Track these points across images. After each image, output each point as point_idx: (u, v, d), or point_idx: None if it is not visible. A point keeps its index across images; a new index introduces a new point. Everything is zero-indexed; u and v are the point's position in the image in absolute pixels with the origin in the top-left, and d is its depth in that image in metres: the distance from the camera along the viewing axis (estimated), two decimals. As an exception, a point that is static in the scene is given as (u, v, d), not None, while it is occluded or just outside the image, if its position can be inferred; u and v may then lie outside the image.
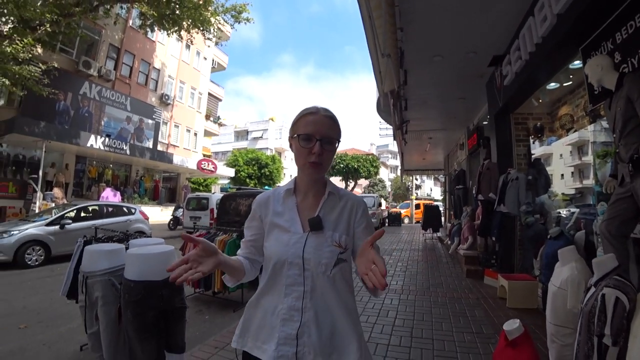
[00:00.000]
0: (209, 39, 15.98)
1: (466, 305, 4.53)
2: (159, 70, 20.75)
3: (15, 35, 9.63)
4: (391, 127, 10.34)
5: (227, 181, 30.35)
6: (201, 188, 26.26)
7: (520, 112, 5.72)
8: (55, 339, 3.64)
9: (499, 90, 5.53)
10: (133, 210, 9.95)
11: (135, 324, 2.05)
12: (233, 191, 8.80)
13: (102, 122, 17.26)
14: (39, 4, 10.00)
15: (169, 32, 14.37)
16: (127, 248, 2.69)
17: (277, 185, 32.12)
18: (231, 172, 25.37)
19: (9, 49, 9.27)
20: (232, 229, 5.03)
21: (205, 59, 24.54)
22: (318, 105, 1.20)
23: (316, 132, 1.10)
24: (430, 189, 61.02)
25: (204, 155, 25.63)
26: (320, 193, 1.20)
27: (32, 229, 7.60)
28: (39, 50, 12.30)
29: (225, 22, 15.69)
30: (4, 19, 9.87)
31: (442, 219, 14.37)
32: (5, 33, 9.73)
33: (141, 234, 8.43)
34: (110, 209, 9.52)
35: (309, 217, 1.14)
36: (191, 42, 16.03)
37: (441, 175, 20.92)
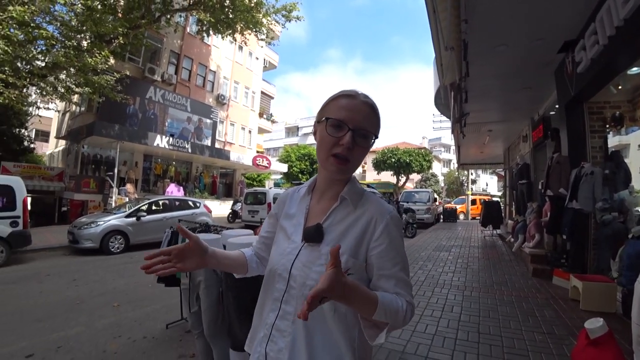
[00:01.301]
0: (261, 39, 16.59)
1: (534, 305, 4.38)
2: (215, 72, 21.86)
3: (94, 49, 10.73)
4: (445, 119, 10.13)
5: (279, 176, 31.26)
6: (255, 183, 27.34)
7: (596, 101, 5.28)
8: (143, 317, 4.15)
9: (570, 78, 5.17)
10: (198, 204, 10.75)
11: (235, 305, 2.26)
12: (291, 186, 9.13)
13: (166, 123, 18.58)
14: (110, 19, 10.99)
15: (224, 35, 15.18)
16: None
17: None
18: (284, 167, 26.09)
19: (89, 61, 10.36)
20: None
21: (257, 58, 25.38)
22: (359, 90, 0.96)
23: (350, 119, 0.89)
24: (486, 184, 57.95)
25: (258, 152, 26.62)
26: (337, 196, 0.98)
27: (114, 220, 8.56)
28: (112, 60, 13.52)
29: (276, 22, 16.19)
30: (84, 35, 11.01)
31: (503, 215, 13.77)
32: (85, 48, 10.87)
33: (212, 225, 9.12)
34: (177, 203, 10.36)
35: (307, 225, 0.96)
36: (245, 43, 16.78)
37: (500, 170, 19.91)
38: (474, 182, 47.89)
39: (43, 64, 10.68)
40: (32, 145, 18.19)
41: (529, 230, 7.22)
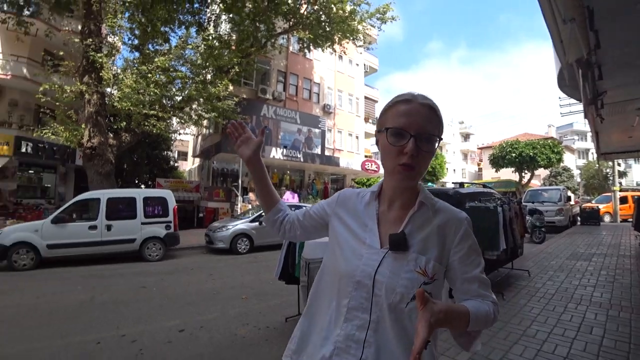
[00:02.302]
0: (359, 46, 17.12)
1: None
2: (319, 84, 23.26)
3: (216, 80, 12.71)
4: (577, 103, 8.78)
5: (389, 180, 31.13)
6: (365, 187, 27.76)
7: None
8: (266, 310, 4.85)
9: None
10: None
11: None
12: None
13: (279, 136, 20.50)
14: (226, 53, 12.87)
15: (324, 48, 16.13)
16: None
17: (439, 181, 30.99)
18: (393, 170, 26.03)
19: (213, 91, 12.31)
20: None
21: (358, 65, 26.04)
22: (415, 91, 0.95)
23: (410, 125, 0.88)
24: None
25: (366, 156, 27.11)
26: (409, 203, 0.97)
27: (240, 225, 9.98)
28: (231, 87, 15.65)
29: (372, 26, 16.51)
30: (207, 70, 13.12)
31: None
32: (209, 80, 12.95)
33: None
34: (294, 209, 11.46)
35: (390, 232, 0.93)
36: (344, 52, 17.50)
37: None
38: (622, 174, 39.44)
39: (180, 99, 13.10)
40: (176, 164, 22.59)
41: None
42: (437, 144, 0.91)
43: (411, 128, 0.88)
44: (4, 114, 14.73)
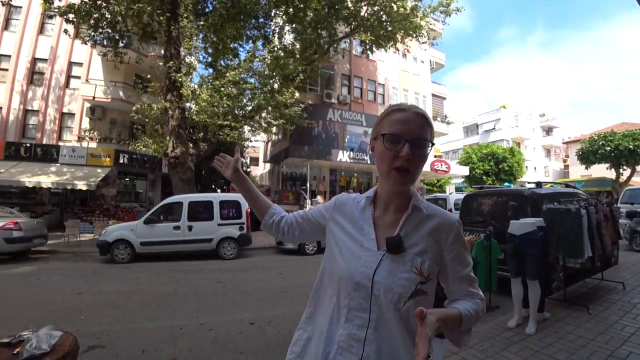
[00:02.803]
0: (423, 42, 16.65)
1: None
2: (383, 84, 23.07)
3: (283, 88, 13.31)
4: None
5: (461, 180, 29.53)
6: (435, 189, 26.71)
7: None
8: None
9: None
10: None
11: None
12: (473, 191, 8.64)
13: (346, 139, 20.72)
14: (291, 62, 13.42)
15: (386, 48, 15.98)
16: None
17: (518, 180, 28.60)
18: (465, 170, 24.71)
19: (281, 99, 12.92)
20: (479, 229, 4.89)
21: (423, 62, 25.31)
22: (407, 103, 1.05)
23: (405, 131, 0.95)
24: None
25: (435, 156, 26.12)
26: (402, 207, 1.03)
27: (307, 227, 10.32)
28: (297, 94, 16.24)
29: (436, 20, 15.97)
30: (274, 79, 13.80)
31: None
32: (276, 89, 13.61)
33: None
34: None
35: (386, 235, 0.98)
36: (407, 50, 17.16)
37: None
38: None
39: (250, 108, 13.95)
40: (248, 169, 24.00)
41: None
42: (429, 150, 0.98)
43: (406, 134, 0.94)
44: (107, 131, 17.16)
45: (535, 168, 39.22)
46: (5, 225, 8.42)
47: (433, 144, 0.99)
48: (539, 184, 6.09)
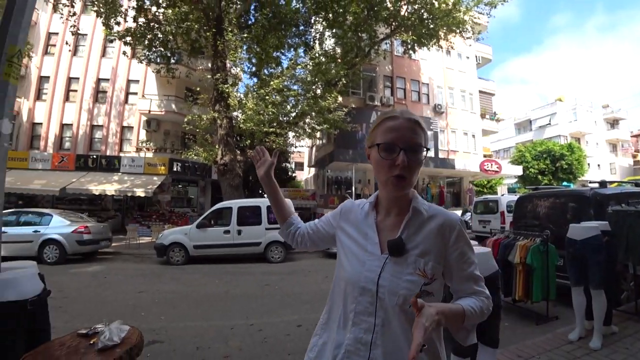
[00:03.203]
0: (467, 38, 16.06)
1: None
2: (427, 84, 22.50)
3: (325, 94, 13.46)
4: None
5: (513, 180, 27.91)
6: (485, 190, 25.51)
7: None
8: None
9: None
10: None
11: None
12: (527, 192, 8.21)
13: (390, 142, 20.47)
14: (332, 67, 13.54)
15: (429, 46, 15.61)
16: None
17: (578, 180, 26.50)
18: (518, 170, 23.33)
19: (324, 105, 13.06)
20: (534, 233, 4.54)
21: (468, 58, 24.34)
22: (398, 109, 1.06)
23: (399, 139, 0.96)
24: None
25: (485, 156, 24.96)
26: (404, 210, 1.04)
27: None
28: (340, 99, 16.32)
29: (480, 13, 15.37)
30: (317, 85, 13.98)
31: None
32: (319, 95, 13.78)
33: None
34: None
35: (388, 239, 1.00)
36: (451, 47, 16.65)
37: None
38: None
39: (294, 115, 14.24)
40: (293, 174, 24.46)
41: None
42: (424, 155, 0.99)
43: (400, 142, 0.96)
44: (161, 141, 18.49)
45: (599, 165, 35.95)
46: (78, 229, 9.31)
47: (428, 149, 1.01)
48: (603, 183, 5.55)
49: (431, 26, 14.42)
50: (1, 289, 2.20)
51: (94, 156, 17.12)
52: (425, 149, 0.99)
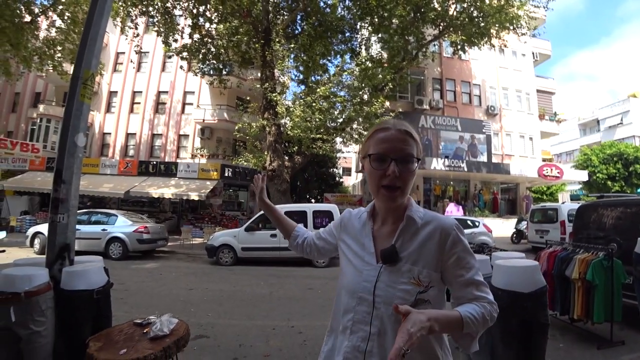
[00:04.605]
0: (522, 34, 15.21)
1: None
2: (479, 85, 21.62)
3: (372, 99, 13.43)
4: None
5: (577, 187, 25.76)
6: (545, 197, 23.85)
7: None
8: None
9: None
10: (477, 224, 11.06)
11: (499, 328, 2.29)
12: (592, 200, 7.60)
13: (440, 146, 19.88)
14: (379, 71, 13.47)
15: (480, 46, 15.01)
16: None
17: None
18: (583, 175, 21.53)
19: (371, 110, 13.04)
20: (597, 247, 4.11)
21: (524, 55, 22.98)
22: (391, 120, 1.08)
23: (390, 150, 0.98)
24: None
25: (544, 160, 23.33)
26: (399, 219, 1.05)
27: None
28: (387, 103, 16.18)
29: (536, 7, 14.50)
30: (363, 91, 13.98)
31: None
32: (366, 100, 13.77)
33: (485, 246, 9.33)
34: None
35: (382, 248, 1.02)
36: (504, 45, 15.84)
37: None
38: None
39: (341, 120, 14.35)
40: (341, 180, 24.60)
41: None
42: (416, 165, 1.01)
43: (391, 152, 0.98)
44: (214, 148, 19.67)
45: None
46: (138, 229, 10.17)
47: (419, 159, 1.02)
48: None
49: (482, 24, 13.80)
50: (74, 279, 2.56)
51: (154, 162, 18.53)
52: (416, 159, 1.01)
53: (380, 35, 14.23)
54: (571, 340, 4.05)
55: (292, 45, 12.93)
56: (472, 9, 13.72)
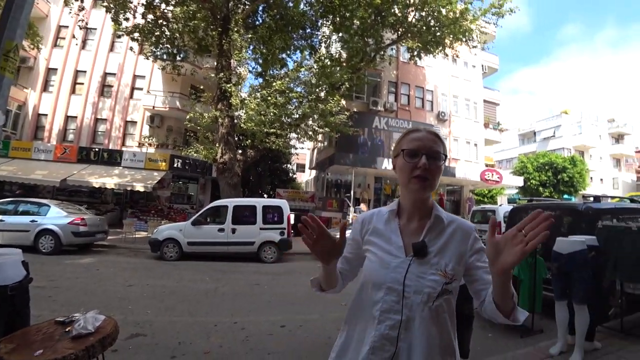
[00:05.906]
0: (473, 47, 16.07)
1: None
2: (432, 91, 22.49)
3: (328, 97, 13.51)
4: None
5: (515, 191, 27.84)
6: (486, 200, 25.43)
7: None
8: None
9: None
10: None
11: None
12: (524, 203, 8.27)
13: (392, 147, 20.38)
14: (337, 70, 13.59)
15: (434, 54, 15.62)
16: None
17: (580, 193, 26.43)
18: (519, 181, 23.27)
19: (327, 108, 13.11)
20: None
21: (474, 66, 24.31)
22: (421, 126, 1.18)
23: (421, 147, 1.10)
24: None
25: (487, 165, 24.88)
26: (425, 216, 1.15)
27: (350, 234, 10.41)
28: (343, 102, 16.39)
29: (488, 22, 15.38)
30: (320, 88, 14.04)
31: None
32: (323, 97, 13.83)
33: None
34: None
35: (412, 242, 1.10)
36: (457, 55, 16.66)
37: None
38: None
39: (296, 116, 14.30)
40: (294, 176, 24.65)
41: None
42: (443, 162, 1.12)
43: (422, 148, 1.09)
44: (163, 137, 18.66)
45: (601, 180, 35.75)
46: (74, 221, 9.34)
47: (446, 157, 1.14)
48: (597, 198, 5.55)
49: (437, 34, 14.40)
50: (-16, 273, 2.28)
51: (96, 149, 17.15)
52: (444, 157, 1.12)
53: (340, 35, 14.35)
54: (499, 331, 4.42)
55: (251, 36, 12.65)
56: (429, 18, 14.25)
